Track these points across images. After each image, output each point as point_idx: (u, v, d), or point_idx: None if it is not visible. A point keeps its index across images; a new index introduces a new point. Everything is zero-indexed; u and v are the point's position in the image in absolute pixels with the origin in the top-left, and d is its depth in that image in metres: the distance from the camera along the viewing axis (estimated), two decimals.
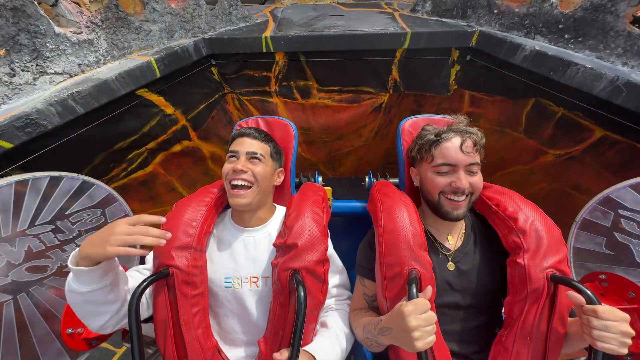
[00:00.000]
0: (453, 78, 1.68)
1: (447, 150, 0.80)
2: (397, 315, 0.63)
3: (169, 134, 1.54)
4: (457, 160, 0.78)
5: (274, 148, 0.95)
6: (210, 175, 2.05)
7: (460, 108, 1.95)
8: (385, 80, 1.71)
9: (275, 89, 1.76)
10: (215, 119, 1.79)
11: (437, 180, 0.81)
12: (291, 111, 1.89)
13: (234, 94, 1.78)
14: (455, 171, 0.79)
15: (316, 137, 2.07)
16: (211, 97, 1.69)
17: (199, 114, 1.66)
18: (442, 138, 0.82)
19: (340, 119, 1.92)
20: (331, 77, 1.70)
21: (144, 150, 1.50)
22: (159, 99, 1.42)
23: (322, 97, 1.81)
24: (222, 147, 1.96)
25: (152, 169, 1.60)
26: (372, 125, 2.00)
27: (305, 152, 2.19)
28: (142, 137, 1.43)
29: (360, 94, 1.79)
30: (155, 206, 1.74)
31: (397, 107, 2.01)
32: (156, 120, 1.45)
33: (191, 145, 1.71)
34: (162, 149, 1.58)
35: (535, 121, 1.70)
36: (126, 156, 1.44)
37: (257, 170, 0.86)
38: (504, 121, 1.88)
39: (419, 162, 0.89)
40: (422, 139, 0.88)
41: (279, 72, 1.68)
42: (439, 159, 0.81)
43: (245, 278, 0.85)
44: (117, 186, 1.49)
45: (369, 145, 2.21)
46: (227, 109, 1.84)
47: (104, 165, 1.37)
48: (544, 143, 1.71)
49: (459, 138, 0.80)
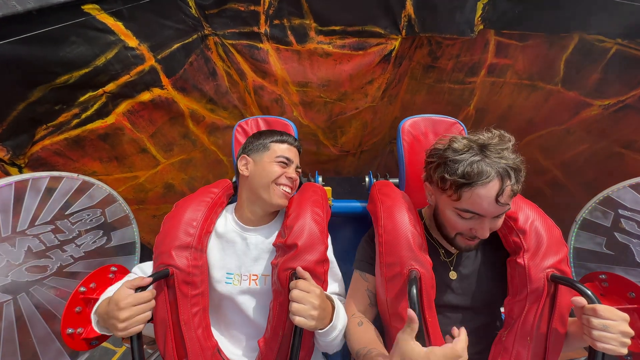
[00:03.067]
0: (479, 14, 1.40)
1: (479, 199, 0.67)
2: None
3: (133, 75, 1.26)
4: (487, 212, 0.68)
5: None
6: (192, 140, 1.76)
7: (483, 59, 1.66)
8: (398, 17, 1.43)
9: (266, 30, 1.48)
10: (195, 67, 1.51)
11: (457, 222, 0.73)
12: (285, 61, 1.60)
13: (217, 37, 1.50)
14: (481, 220, 0.70)
15: (315, 96, 1.78)
16: (188, 36, 1.41)
17: (173, 55, 1.38)
18: (477, 182, 0.66)
19: (343, 71, 1.63)
20: (332, 12, 1.42)
21: (101, 93, 1.21)
22: (116, 24, 1.14)
23: (322, 42, 1.52)
24: (204, 105, 1.67)
25: (114, 120, 1.31)
26: (379, 81, 1.72)
27: (302, 116, 1.91)
28: (96, 72, 1.14)
29: (366, 37, 1.50)
30: (121, 169, 1.46)
31: (408, 61, 1.72)
32: (114, 52, 1.16)
33: (164, 96, 1.43)
34: (125, 94, 1.29)
35: (578, 66, 1.42)
36: (77, 97, 1.16)
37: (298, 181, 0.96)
38: (535, 72, 1.60)
39: (437, 190, 0.77)
40: (449, 169, 0.71)
41: (270, 5, 1.40)
42: (466, 204, 0.69)
43: (245, 275, 0.86)
44: (69, 137, 1.21)
45: (375, 109, 1.92)
46: (210, 57, 1.55)
47: (47, 105, 1.09)
48: (589, 93, 1.43)
49: (498, 184, 0.66)
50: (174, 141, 1.65)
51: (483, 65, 1.68)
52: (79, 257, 1.10)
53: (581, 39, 1.35)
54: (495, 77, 1.72)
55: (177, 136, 1.66)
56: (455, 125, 1.12)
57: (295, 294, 0.67)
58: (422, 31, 1.48)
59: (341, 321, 0.76)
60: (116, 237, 1.22)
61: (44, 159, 1.17)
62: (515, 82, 1.69)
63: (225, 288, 0.85)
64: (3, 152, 1.05)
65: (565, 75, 1.49)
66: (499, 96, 1.79)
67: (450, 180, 0.69)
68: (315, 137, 2.11)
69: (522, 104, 1.73)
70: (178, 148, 1.69)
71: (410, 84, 1.89)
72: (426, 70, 1.80)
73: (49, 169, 1.16)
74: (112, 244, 1.20)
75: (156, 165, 1.63)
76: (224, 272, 0.87)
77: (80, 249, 1.10)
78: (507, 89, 1.74)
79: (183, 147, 1.71)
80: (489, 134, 0.72)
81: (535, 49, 1.51)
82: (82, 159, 1.29)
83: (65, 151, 1.22)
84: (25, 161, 1.12)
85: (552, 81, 1.55)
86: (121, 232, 1.23)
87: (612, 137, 1.39)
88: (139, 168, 1.54)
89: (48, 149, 1.17)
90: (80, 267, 1.10)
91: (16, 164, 1.10)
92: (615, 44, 1.25)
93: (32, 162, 1.14)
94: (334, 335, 0.73)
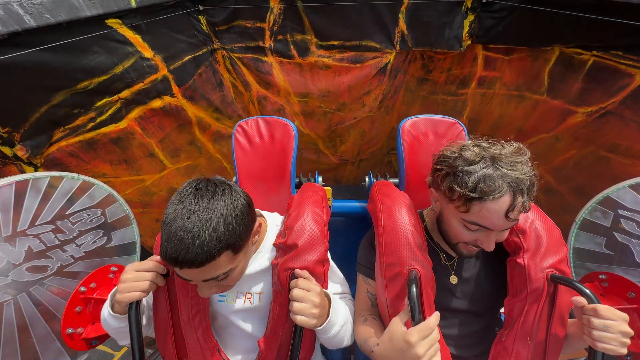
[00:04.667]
0: (467, 30, 1.52)
1: (489, 214, 0.64)
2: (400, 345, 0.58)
3: (147, 83, 1.36)
4: (496, 226, 0.65)
5: (234, 242, 0.61)
6: (198, 147, 1.84)
7: (473, 73, 1.78)
8: (392, 32, 1.55)
9: (270, 45, 1.60)
10: (204, 78, 1.61)
11: (462, 233, 0.71)
12: (287, 73, 1.72)
13: (225, 51, 1.62)
14: (486, 232, 0.68)
15: (315, 106, 1.88)
16: (198, 49, 1.52)
17: (184, 66, 1.48)
18: (488, 197, 0.62)
19: (341, 82, 1.74)
20: (331, 29, 1.54)
21: (116, 99, 1.30)
22: (135, 37, 1.25)
23: (322, 55, 1.64)
24: (210, 114, 1.76)
25: (126, 124, 1.39)
26: (376, 92, 1.82)
27: (303, 125, 2.00)
28: (114, 80, 1.24)
29: (363, 51, 1.62)
30: (129, 172, 1.52)
31: (403, 74, 1.84)
32: (131, 62, 1.26)
33: (174, 103, 1.52)
34: (138, 101, 1.38)
35: (560, 76, 1.52)
36: (95, 102, 1.25)
37: (230, 279, 0.67)
38: (522, 83, 1.70)
39: (444, 199, 0.73)
40: (459, 180, 0.66)
41: (274, 23, 1.52)
42: (474, 217, 0.66)
43: (241, 294, 0.84)
44: (84, 140, 1.29)
45: (372, 118, 2.02)
46: (217, 69, 1.67)
47: (67, 109, 1.17)
48: (572, 101, 1.52)
49: (509, 199, 0.62)
50: (181, 147, 1.72)
51: (473, 78, 1.80)
52: (79, 257, 1.10)
53: (561, 52, 1.46)
54: (485, 89, 1.83)
55: (184, 142, 1.74)
56: (455, 125, 1.13)
57: (296, 292, 0.68)
58: (414, 46, 1.60)
59: (340, 317, 0.76)
60: (116, 237, 1.22)
61: (59, 160, 1.24)
62: (504, 93, 1.79)
63: (219, 305, 0.84)
64: (22, 151, 1.11)
65: (550, 85, 1.59)
66: (490, 106, 1.89)
67: (460, 192, 0.65)
68: (315, 146, 2.19)
69: (512, 113, 1.83)
70: (184, 154, 1.77)
71: (406, 96, 2.00)
72: (420, 82, 1.92)
73: (62, 170, 1.21)
74: (112, 244, 1.21)
75: (162, 170, 1.69)
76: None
77: (81, 248, 1.11)
78: (497, 100, 1.84)
79: (189, 154, 1.79)
80: (503, 145, 0.68)
81: (520, 62, 1.63)
82: (94, 161, 1.36)
83: (79, 153, 1.28)
84: (42, 161, 1.19)
85: (538, 91, 1.65)
86: (121, 232, 1.24)
87: (598, 142, 1.46)
88: (146, 172, 1.60)
89: (63, 150, 1.23)
90: (81, 267, 1.11)
91: (33, 163, 1.16)
92: (592, 56, 1.35)
93: (48, 162, 1.21)
94: (334, 331, 0.74)
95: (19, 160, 1.13)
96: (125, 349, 1.49)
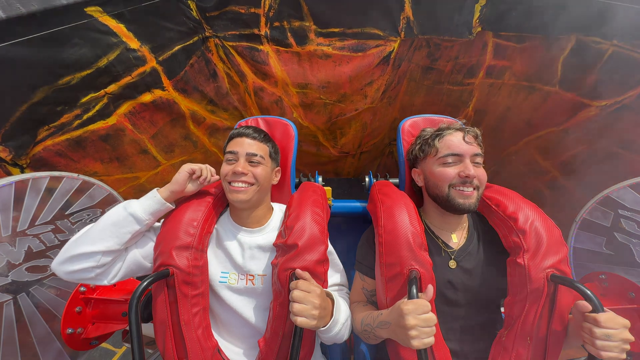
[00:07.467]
0: (477, 16, 1.41)
1: (452, 142, 0.82)
2: (397, 312, 0.65)
3: (135, 76, 1.27)
4: (462, 149, 0.80)
5: (272, 148, 0.95)
6: (193, 142, 1.77)
7: (482, 61, 1.68)
8: (397, 19, 1.44)
9: (266, 32, 1.49)
10: (196, 69, 1.52)
11: (445, 172, 0.81)
12: (285, 63, 1.62)
13: (217, 39, 1.51)
14: (461, 161, 0.80)
15: (314, 97, 1.79)
16: (189, 38, 1.42)
17: (174, 57, 1.39)
18: (445, 132, 0.85)
19: (342, 72, 1.64)
20: (332, 14, 1.43)
21: (102, 94, 1.23)
22: (118, 26, 1.15)
23: (321, 44, 1.53)
24: (204, 106, 1.68)
25: (115, 121, 1.32)
26: (378, 82, 1.73)
27: (302, 117, 1.92)
28: (98, 73, 1.16)
29: (365, 39, 1.52)
30: (122, 169, 1.47)
31: (407, 62, 1.74)
32: (115, 53, 1.17)
33: (165, 97, 1.44)
34: (127, 96, 1.31)
35: (575, 67, 1.43)
36: (79, 98, 1.17)
37: (257, 171, 0.87)
38: (533, 74, 1.61)
39: (422, 160, 0.90)
40: (422, 137, 0.92)
41: (270, 8, 1.41)
42: (444, 150, 0.83)
43: (242, 275, 0.86)
44: (71, 138, 1.23)
45: (374, 110, 1.93)
46: (210, 58, 1.56)
47: (49, 106, 1.10)
48: (586, 94, 1.44)
49: (460, 132, 0.83)
50: (175, 142, 1.66)
51: (481, 67, 1.70)
52: None
53: (578, 40, 1.36)
54: (493, 79, 1.73)
55: (178, 137, 1.67)
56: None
57: (296, 294, 0.68)
58: (420, 33, 1.49)
59: (343, 314, 0.77)
60: None
61: (46, 160, 1.18)
62: (514, 84, 1.70)
63: (220, 286, 0.85)
64: (5, 153, 1.06)
65: (563, 77, 1.50)
66: (498, 97, 1.80)
67: (425, 140, 0.89)
68: (315, 138, 2.12)
69: (520, 105, 1.74)
70: (179, 149, 1.70)
71: (410, 86, 1.90)
72: (425, 71, 1.81)
73: (50, 170, 1.17)
74: None
75: (157, 166, 1.64)
76: (218, 270, 0.87)
77: None
78: (505, 91, 1.75)
79: (184, 149, 1.72)
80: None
81: (533, 51, 1.52)
82: (84, 160, 1.30)
83: (66, 152, 1.22)
84: (27, 162, 1.13)
85: (550, 82, 1.56)
86: None
87: (610, 138, 1.40)
88: (139, 169, 1.55)
89: (50, 149, 1.18)
90: None
91: (18, 164, 1.11)
92: (611, 46, 1.26)
93: (34, 163, 1.15)
94: (337, 329, 0.74)
95: (3, 161, 1.07)
96: (125, 348, 1.50)
